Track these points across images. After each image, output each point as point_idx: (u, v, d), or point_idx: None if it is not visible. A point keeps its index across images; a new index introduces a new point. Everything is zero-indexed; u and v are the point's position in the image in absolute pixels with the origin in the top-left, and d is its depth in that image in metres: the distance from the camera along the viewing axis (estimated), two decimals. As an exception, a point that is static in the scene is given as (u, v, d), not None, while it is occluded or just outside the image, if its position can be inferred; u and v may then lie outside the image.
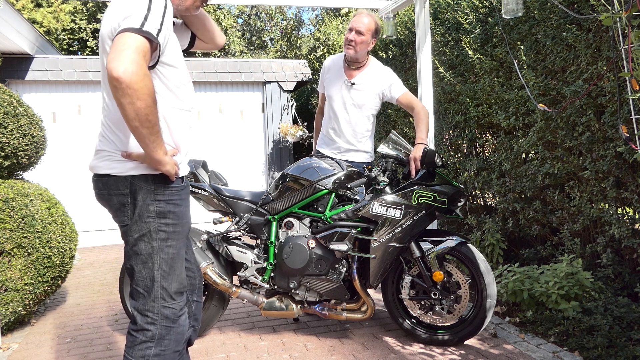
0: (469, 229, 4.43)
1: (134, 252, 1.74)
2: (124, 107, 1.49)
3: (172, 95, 1.75)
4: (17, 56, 6.12)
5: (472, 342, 2.84)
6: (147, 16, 1.54)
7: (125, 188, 1.69)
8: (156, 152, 1.60)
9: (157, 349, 1.74)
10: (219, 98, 7.16)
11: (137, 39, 1.50)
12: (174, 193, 1.75)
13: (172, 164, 1.68)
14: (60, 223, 3.48)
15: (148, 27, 1.53)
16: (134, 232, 1.72)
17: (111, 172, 1.70)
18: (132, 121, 1.51)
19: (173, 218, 1.74)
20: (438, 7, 4.52)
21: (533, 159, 3.77)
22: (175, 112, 1.76)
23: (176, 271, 1.78)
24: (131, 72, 1.45)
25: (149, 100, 1.51)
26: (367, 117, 3.19)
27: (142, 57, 1.49)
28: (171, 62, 1.71)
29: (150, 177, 1.69)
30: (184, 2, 1.83)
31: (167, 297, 1.75)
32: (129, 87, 1.46)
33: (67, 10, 12.16)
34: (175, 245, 1.76)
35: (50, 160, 6.23)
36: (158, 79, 1.69)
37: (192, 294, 2.03)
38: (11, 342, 3.08)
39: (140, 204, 1.69)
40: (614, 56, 2.52)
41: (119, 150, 1.69)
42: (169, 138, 1.75)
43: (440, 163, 2.71)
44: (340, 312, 2.84)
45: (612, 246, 3.16)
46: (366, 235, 2.69)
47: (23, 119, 3.40)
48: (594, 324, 2.74)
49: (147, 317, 1.74)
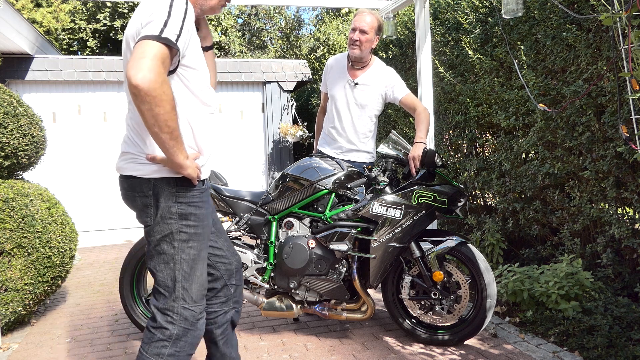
0: (469, 229, 4.43)
1: (156, 252, 1.78)
2: (144, 114, 1.53)
3: (194, 97, 1.77)
4: (17, 56, 6.12)
5: (472, 342, 2.84)
6: (166, 22, 1.57)
7: (149, 190, 1.73)
8: (177, 157, 1.63)
9: (173, 349, 1.77)
10: (219, 98, 7.16)
11: (156, 46, 1.53)
12: (195, 195, 1.78)
13: (194, 168, 1.71)
14: (60, 223, 3.48)
15: (167, 34, 1.56)
16: (156, 233, 1.76)
17: (135, 174, 1.74)
18: (152, 127, 1.55)
19: (194, 220, 1.77)
20: (438, 7, 4.52)
21: (533, 159, 3.77)
22: (198, 115, 1.78)
23: (197, 272, 1.81)
24: (149, 79, 1.48)
25: (167, 106, 1.54)
26: (369, 117, 3.20)
27: (161, 64, 1.53)
28: (192, 65, 1.73)
29: (172, 180, 1.73)
30: (207, 2, 1.84)
31: (188, 298, 1.79)
32: (148, 95, 1.49)
33: (66, 10, 12.16)
34: (196, 246, 1.80)
35: (50, 160, 6.23)
36: (180, 82, 1.71)
37: (230, 278, 2.07)
38: (11, 342, 3.08)
39: (163, 205, 1.73)
40: (614, 56, 2.52)
41: (143, 153, 1.72)
42: (191, 141, 1.77)
43: (440, 163, 2.71)
44: (340, 312, 2.84)
45: (612, 246, 3.16)
46: (366, 235, 2.69)
47: (23, 119, 3.40)
48: (594, 324, 2.74)
49: (167, 316, 1.77)
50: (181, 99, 1.72)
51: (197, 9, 1.82)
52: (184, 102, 1.73)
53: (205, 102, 1.81)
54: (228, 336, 2.06)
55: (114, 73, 6.57)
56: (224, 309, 2.06)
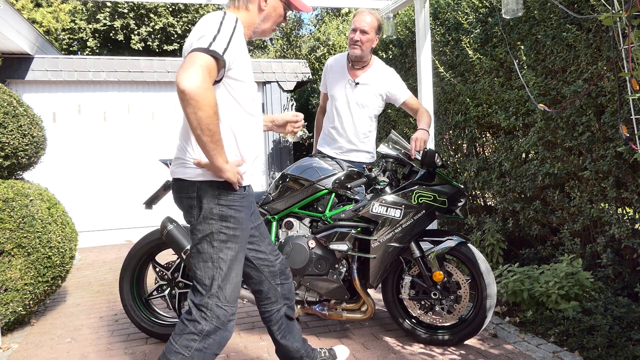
0: (469, 229, 4.43)
1: (197, 251, 1.90)
2: (188, 116, 1.67)
3: (239, 107, 1.89)
4: (17, 56, 6.12)
5: (472, 342, 2.84)
6: (215, 37, 1.72)
7: (193, 192, 1.87)
8: (216, 160, 1.75)
9: (201, 344, 1.87)
10: (219, 98, 7.16)
11: (203, 57, 1.68)
12: (236, 199, 1.90)
13: (234, 172, 1.82)
14: (60, 223, 3.48)
15: (215, 47, 1.70)
16: (198, 233, 1.88)
17: (182, 177, 1.89)
18: (195, 129, 1.68)
19: (234, 222, 1.89)
20: (438, 7, 4.52)
21: (533, 159, 3.77)
22: (242, 124, 1.91)
23: (232, 273, 1.91)
24: (195, 85, 1.63)
25: (210, 111, 1.66)
26: (369, 117, 3.20)
27: (207, 73, 1.67)
28: (239, 77, 1.86)
29: (215, 183, 1.85)
30: (260, 26, 2.00)
31: (222, 297, 1.89)
32: (192, 99, 1.63)
33: (66, 10, 12.15)
34: (234, 247, 1.90)
35: (50, 160, 6.23)
36: (226, 91, 1.85)
37: (274, 279, 2.20)
38: (11, 342, 3.08)
39: (205, 206, 1.86)
40: (614, 56, 2.52)
41: (191, 159, 1.87)
42: (234, 148, 1.90)
43: (440, 163, 2.71)
44: (340, 312, 2.84)
45: (612, 246, 3.16)
46: (366, 235, 2.69)
47: (23, 119, 3.40)
48: (594, 324, 2.74)
49: (202, 312, 1.88)
50: (226, 108, 1.85)
51: (249, 31, 1.98)
52: (229, 111, 1.86)
53: (250, 112, 1.94)
54: (285, 330, 2.23)
55: (113, 73, 6.57)
56: (275, 307, 2.21)
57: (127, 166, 6.75)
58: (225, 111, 1.85)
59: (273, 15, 2.00)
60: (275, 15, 2.01)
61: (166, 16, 12.99)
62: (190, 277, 2.93)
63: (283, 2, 2.01)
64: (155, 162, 6.24)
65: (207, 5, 13.59)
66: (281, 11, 2.02)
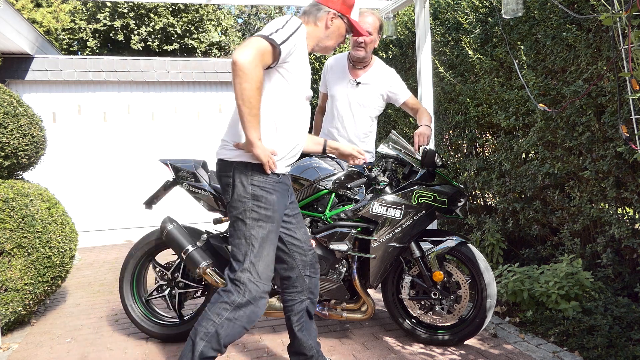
0: (469, 229, 4.43)
1: (232, 228, 2.09)
2: (235, 86, 1.87)
3: (287, 98, 2.06)
4: (17, 56, 6.12)
5: (472, 342, 2.84)
6: (278, 30, 1.95)
7: (230, 171, 2.06)
8: (250, 133, 1.92)
9: (231, 315, 2.03)
10: (219, 98, 7.16)
11: (261, 41, 1.89)
12: (268, 182, 2.05)
13: (264, 151, 1.97)
14: (60, 223, 3.48)
15: (274, 37, 1.92)
16: (233, 210, 2.07)
17: (223, 157, 2.09)
18: (238, 99, 1.87)
19: (265, 202, 2.05)
20: (438, 7, 4.52)
21: (533, 159, 3.77)
22: (285, 116, 2.07)
23: (264, 251, 2.06)
24: (246, 60, 1.83)
25: (254, 85, 1.86)
26: (370, 117, 3.20)
27: (260, 54, 1.87)
28: (293, 72, 2.05)
29: (249, 165, 2.04)
30: (324, 41, 2.20)
31: (254, 272, 2.05)
32: (240, 70, 1.83)
33: (66, 10, 12.16)
34: (266, 227, 2.06)
35: (50, 160, 6.23)
36: (281, 78, 2.04)
37: (304, 269, 2.30)
38: (11, 342, 3.08)
39: (239, 186, 2.04)
40: (614, 56, 2.52)
41: (232, 142, 2.07)
42: (273, 138, 2.05)
43: (440, 163, 2.71)
44: (340, 312, 2.84)
45: (612, 246, 3.16)
46: (366, 235, 2.69)
47: (23, 119, 3.40)
48: (594, 324, 2.74)
49: (236, 284, 2.05)
50: (275, 95, 2.04)
51: (313, 44, 2.18)
52: (276, 98, 2.04)
53: (295, 108, 2.10)
54: (304, 324, 2.32)
55: (113, 73, 6.57)
56: (299, 298, 2.30)
57: (127, 166, 6.75)
58: (274, 98, 2.04)
59: (336, 34, 2.21)
60: (338, 34, 2.22)
61: (166, 16, 12.99)
62: (189, 277, 2.94)
63: (346, 24, 2.23)
64: (155, 162, 6.23)
65: (207, 5, 13.60)
66: (343, 32, 2.23)
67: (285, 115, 2.08)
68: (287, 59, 2.00)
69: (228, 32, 15.15)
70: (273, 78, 2.03)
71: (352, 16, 2.22)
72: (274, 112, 2.05)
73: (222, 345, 2.03)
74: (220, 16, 14.69)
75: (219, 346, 2.02)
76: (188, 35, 13.52)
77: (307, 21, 2.16)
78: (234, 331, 2.04)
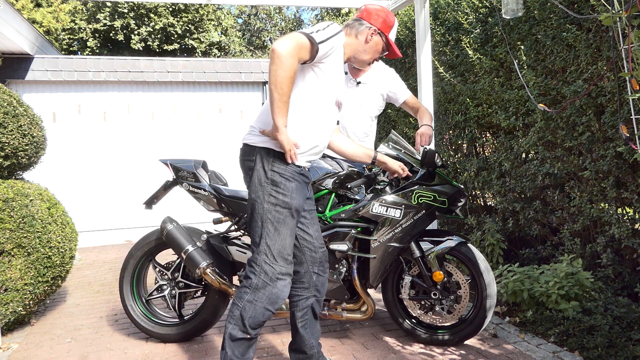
0: (469, 229, 4.43)
1: (251, 213, 2.18)
2: (270, 72, 1.98)
3: (317, 95, 2.16)
4: (17, 56, 6.12)
5: (472, 342, 2.84)
6: (319, 30, 2.09)
7: (253, 156, 2.16)
8: (278, 118, 2.02)
9: (251, 296, 2.13)
10: (219, 98, 7.17)
11: (301, 36, 2.01)
12: (288, 170, 2.14)
13: (288, 141, 2.06)
14: (60, 223, 3.48)
15: (314, 35, 2.05)
16: (252, 193, 2.17)
17: (248, 142, 2.20)
18: (271, 84, 1.98)
19: (283, 189, 2.13)
20: (438, 7, 4.52)
21: (533, 159, 3.77)
22: (312, 113, 2.17)
23: (280, 235, 2.14)
24: (285, 49, 1.95)
25: (288, 73, 1.97)
26: (370, 117, 3.20)
27: (298, 47, 1.99)
28: (327, 71, 2.15)
29: (272, 151, 2.13)
30: (361, 55, 2.32)
31: (269, 254, 2.13)
32: (278, 58, 1.95)
33: (66, 10, 12.16)
34: (282, 212, 2.13)
35: (50, 160, 6.23)
36: (314, 75, 2.15)
37: (312, 266, 2.34)
38: (11, 342, 3.08)
39: (260, 170, 2.14)
40: (614, 56, 2.52)
41: (259, 128, 2.17)
42: (297, 132, 2.14)
43: (440, 163, 2.71)
44: (340, 312, 2.84)
45: (612, 246, 3.16)
46: (366, 235, 2.69)
47: (23, 119, 3.40)
48: (594, 324, 2.74)
49: (252, 267, 2.15)
50: (306, 90, 2.14)
51: (350, 53, 2.31)
52: (307, 94, 2.14)
53: (323, 107, 2.19)
54: (308, 321, 2.35)
55: (113, 73, 6.57)
56: (305, 294, 2.34)
57: (127, 166, 6.75)
58: (304, 94, 2.14)
59: (373, 49, 2.33)
60: (375, 50, 2.34)
61: (166, 16, 12.99)
62: (189, 277, 2.93)
63: (384, 42, 2.35)
64: (155, 162, 6.24)
65: (207, 5, 13.60)
66: (380, 48, 2.35)
67: (313, 112, 2.17)
68: (322, 59, 2.11)
69: (228, 32, 15.15)
70: (307, 75, 2.14)
71: (390, 36, 2.35)
72: (303, 107, 2.14)
73: (247, 327, 2.12)
74: (220, 16, 14.69)
75: (245, 328, 2.12)
76: (188, 35, 13.52)
77: (349, 33, 2.30)
78: (256, 312, 2.13)
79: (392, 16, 2.37)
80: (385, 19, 2.33)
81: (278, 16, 15.62)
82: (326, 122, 2.23)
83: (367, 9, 2.35)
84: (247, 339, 2.15)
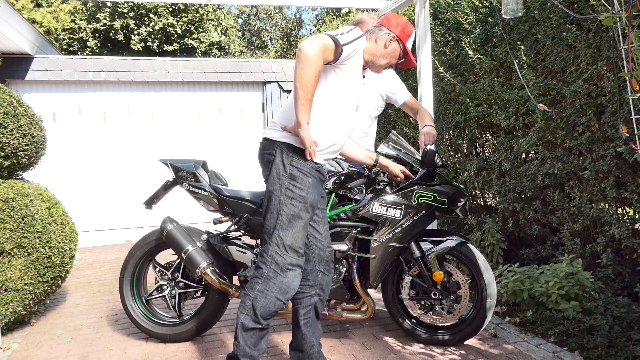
0: (469, 229, 4.43)
1: (266, 204, 2.24)
2: (296, 70, 2.06)
3: (338, 96, 2.23)
4: (17, 56, 6.12)
5: (472, 342, 2.84)
6: (343, 33, 2.18)
7: (273, 150, 2.23)
8: (301, 115, 2.09)
9: (262, 287, 2.20)
10: (219, 98, 7.17)
11: (327, 38, 2.10)
12: (306, 165, 2.21)
13: (309, 138, 2.13)
14: (60, 223, 3.48)
15: (339, 37, 2.13)
16: (269, 185, 2.23)
17: (269, 136, 2.27)
18: (296, 81, 2.06)
19: (300, 183, 2.20)
20: (438, 7, 4.52)
21: (533, 159, 3.77)
22: (331, 114, 2.24)
23: (293, 228, 2.20)
24: (311, 49, 2.04)
25: (313, 72, 2.05)
26: (370, 117, 3.21)
27: (324, 48, 2.07)
28: (347, 73, 2.23)
29: (292, 147, 2.21)
30: (379, 59, 2.37)
31: (281, 245, 2.19)
32: (305, 57, 2.04)
33: (66, 10, 12.16)
34: (298, 206, 2.20)
35: (50, 160, 6.23)
36: (335, 76, 2.22)
37: (319, 264, 2.38)
38: (11, 342, 3.08)
39: (279, 164, 2.21)
40: (614, 56, 2.52)
41: (280, 124, 2.25)
42: (317, 130, 2.21)
43: (440, 163, 2.71)
44: (340, 312, 2.84)
45: (612, 246, 3.16)
46: (366, 235, 2.69)
47: (23, 119, 3.40)
48: (594, 324, 2.74)
49: (263, 257, 2.22)
50: (327, 90, 2.21)
51: (368, 57, 2.35)
52: (328, 94, 2.21)
53: (342, 108, 2.26)
54: (310, 320, 2.38)
55: (113, 73, 6.57)
56: (309, 292, 2.37)
57: (127, 166, 6.75)
58: (326, 93, 2.21)
59: (391, 55, 2.38)
60: (392, 56, 2.39)
61: (166, 16, 12.99)
62: (189, 277, 2.94)
63: (401, 49, 2.41)
64: (155, 162, 6.24)
65: (207, 5, 13.60)
66: (397, 55, 2.40)
67: (333, 111, 2.24)
68: (345, 61, 2.19)
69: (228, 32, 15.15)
70: (329, 76, 2.21)
71: (407, 44, 2.42)
72: (323, 106, 2.22)
73: (259, 316, 2.18)
74: (220, 16, 14.69)
75: (256, 318, 2.18)
76: (188, 35, 13.52)
77: (369, 38, 2.37)
78: (268, 302, 2.18)
79: (411, 26, 2.44)
80: (404, 28, 2.40)
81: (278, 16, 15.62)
82: (345, 122, 2.30)
83: (387, 17, 2.43)
84: (258, 329, 2.20)
